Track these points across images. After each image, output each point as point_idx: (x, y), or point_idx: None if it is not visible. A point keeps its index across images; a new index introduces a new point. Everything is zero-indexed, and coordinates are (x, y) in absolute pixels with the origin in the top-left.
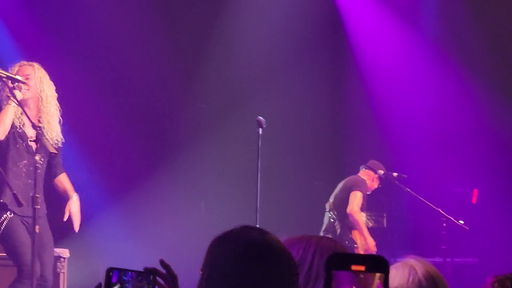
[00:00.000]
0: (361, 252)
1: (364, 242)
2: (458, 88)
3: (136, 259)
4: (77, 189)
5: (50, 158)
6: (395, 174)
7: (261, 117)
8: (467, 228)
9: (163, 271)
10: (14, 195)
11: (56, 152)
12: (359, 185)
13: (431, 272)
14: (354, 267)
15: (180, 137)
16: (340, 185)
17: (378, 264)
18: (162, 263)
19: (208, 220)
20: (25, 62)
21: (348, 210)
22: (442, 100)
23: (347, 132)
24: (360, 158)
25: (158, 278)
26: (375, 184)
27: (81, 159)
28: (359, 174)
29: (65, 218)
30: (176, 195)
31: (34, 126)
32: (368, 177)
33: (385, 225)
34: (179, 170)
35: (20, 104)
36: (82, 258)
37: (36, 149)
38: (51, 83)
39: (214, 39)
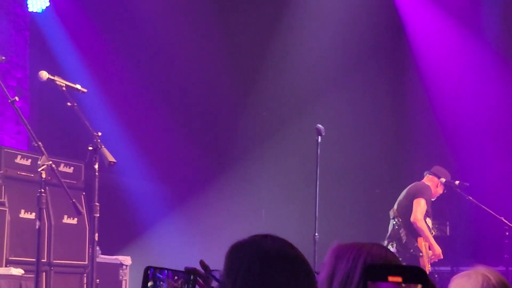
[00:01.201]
0: (426, 261)
1: (430, 250)
2: None
3: (197, 266)
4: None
5: None
6: (457, 182)
7: (320, 125)
8: None
9: (202, 271)
10: None
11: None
12: (422, 191)
13: (503, 281)
14: (391, 278)
15: (240, 145)
16: (404, 192)
17: (416, 275)
18: (202, 264)
19: (269, 228)
20: None
21: (412, 218)
22: (504, 106)
23: (408, 139)
24: (422, 165)
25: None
26: (439, 190)
27: (144, 168)
28: (423, 180)
29: None
30: (237, 203)
31: None
32: (432, 183)
33: (448, 233)
34: (240, 178)
35: None
36: (144, 265)
37: None
38: None
39: (275, 46)
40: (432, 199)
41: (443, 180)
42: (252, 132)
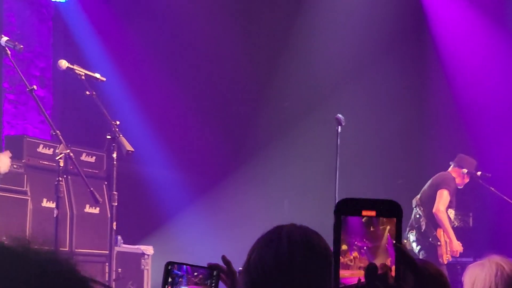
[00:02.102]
0: (444, 250)
1: (449, 242)
2: None
3: (218, 256)
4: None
5: None
6: (479, 173)
7: (340, 115)
8: None
9: (225, 266)
10: None
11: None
12: (446, 182)
13: None
14: (364, 213)
15: (262, 135)
16: (429, 182)
17: (390, 208)
18: (224, 259)
19: (291, 219)
20: None
21: (434, 209)
22: None
23: (431, 130)
24: (444, 155)
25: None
26: (466, 179)
27: (168, 158)
28: (449, 171)
29: None
30: (259, 193)
31: None
32: (458, 173)
33: (471, 224)
34: (262, 169)
35: None
36: (166, 255)
37: None
38: None
39: (295, 37)
40: (460, 187)
41: (464, 171)
42: (274, 122)
